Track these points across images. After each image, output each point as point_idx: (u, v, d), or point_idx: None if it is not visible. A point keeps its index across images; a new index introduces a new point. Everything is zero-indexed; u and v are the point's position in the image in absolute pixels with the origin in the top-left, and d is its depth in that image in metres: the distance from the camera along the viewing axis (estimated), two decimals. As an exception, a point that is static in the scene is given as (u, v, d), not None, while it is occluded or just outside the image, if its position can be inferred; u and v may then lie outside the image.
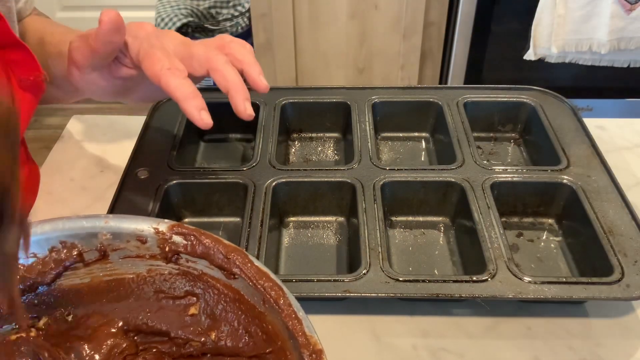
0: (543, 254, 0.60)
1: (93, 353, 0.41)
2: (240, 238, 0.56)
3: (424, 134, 0.76)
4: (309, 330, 0.35)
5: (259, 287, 0.38)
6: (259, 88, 0.53)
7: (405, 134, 0.76)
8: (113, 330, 0.42)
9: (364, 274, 0.52)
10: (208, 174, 0.64)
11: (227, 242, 0.40)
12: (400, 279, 0.52)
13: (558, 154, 0.65)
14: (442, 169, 0.65)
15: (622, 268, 0.52)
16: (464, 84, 1.56)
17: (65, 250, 0.41)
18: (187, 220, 0.65)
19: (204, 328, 0.42)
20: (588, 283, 0.51)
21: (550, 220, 0.64)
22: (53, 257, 0.41)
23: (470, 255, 0.58)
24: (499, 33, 1.50)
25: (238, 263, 0.39)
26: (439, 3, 1.53)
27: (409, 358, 0.50)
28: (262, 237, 0.56)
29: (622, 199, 0.59)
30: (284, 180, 0.63)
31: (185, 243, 0.41)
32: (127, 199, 0.61)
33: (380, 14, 1.55)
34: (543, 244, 0.61)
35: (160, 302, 0.43)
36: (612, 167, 0.63)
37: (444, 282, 0.52)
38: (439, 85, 1.61)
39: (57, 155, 0.74)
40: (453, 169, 0.64)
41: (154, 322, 0.43)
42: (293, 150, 0.75)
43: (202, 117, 0.49)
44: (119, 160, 0.70)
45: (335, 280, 0.52)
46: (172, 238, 0.41)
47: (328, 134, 0.77)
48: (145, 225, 0.41)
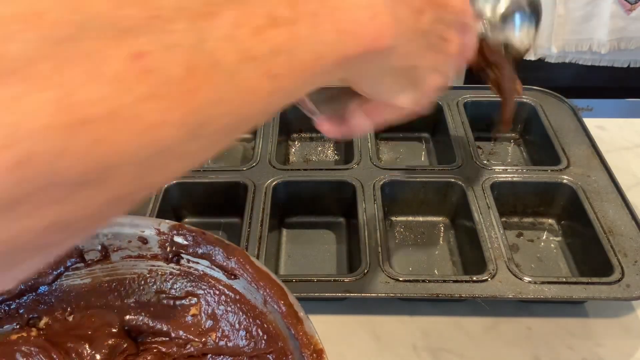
0: (543, 254, 0.60)
1: (94, 353, 0.41)
2: (240, 238, 0.56)
3: (424, 134, 0.76)
4: (310, 330, 0.35)
5: (260, 287, 0.38)
6: None
7: (405, 134, 0.76)
8: (114, 330, 0.42)
9: (364, 274, 0.52)
10: (208, 174, 0.64)
11: (227, 242, 0.40)
12: (400, 279, 0.52)
13: (558, 154, 0.65)
14: (442, 169, 0.65)
15: (622, 268, 0.52)
16: (464, 84, 1.56)
17: (67, 251, 0.41)
18: (187, 220, 0.65)
19: (205, 328, 0.42)
20: (588, 283, 0.51)
21: (550, 220, 0.64)
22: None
23: (470, 255, 0.58)
24: (499, 33, 1.49)
25: (239, 263, 0.39)
26: (439, 3, 1.53)
27: (409, 358, 0.50)
28: (262, 237, 0.56)
29: (622, 199, 0.59)
30: (284, 180, 0.63)
31: (186, 243, 0.41)
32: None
33: (380, 14, 1.55)
34: (543, 244, 0.61)
35: (161, 302, 0.43)
36: (612, 167, 0.63)
37: (444, 282, 0.52)
38: (439, 85, 1.61)
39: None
40: (453, 169, 0.64)
41: (155, 322, 0.43)
42: (293, 150, 0.75)
43: None
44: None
45: (335, 280, 0.52)
46: (173, 238, 0.41)
47: (328, 134, 0.77)
48: (147, 226, 0.41)
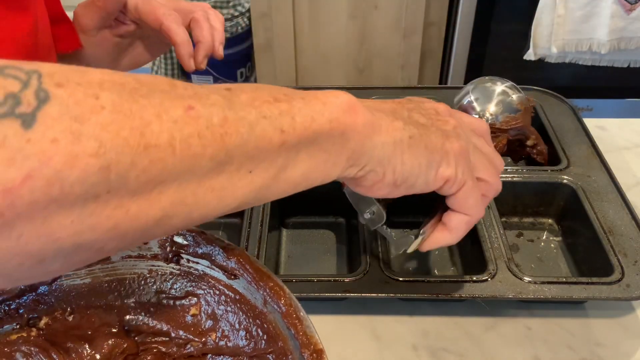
0: (543, 254, 0.60)
1: (94, 353, 0.41)
2: (240, 238, 0.56)
3: (424, 134, 0.76)
4: (310, 330, 0.35)
5: (260, 287, 0.38)
6: (216, 54, 0.61)
7: (406, 134, 0.76)
8: (114, 331, 0.42)
9: (364, 274, 0.52)
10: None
11: (227, 242, 0.40)
12: (400, 279, 0.52)
13: (558, 154, 0.65)
14: (442, 169, 0.65)
15: (622, 268, 0.52)
16: (464, 84, 1.56)
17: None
18: (187, 221, 0.65)
19: (205, 328, 0.42)
20: (588, 283, 0.51)
21: (550, 220, 0.64)
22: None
23: (470, 255, 0.58)
24: (499, 33, 1.50)
25: (239, 263, 0.39)
26: (439, 3, 1.53)
27: (409, 358, 0.50)
28: (262, 237, 0.56)
29: (622, 199, 0.59)
30: (284, 181, 0.63)
31: (186, 243, 0.41)
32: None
33: (380, 14, 1.55)
34: (543, 244, 0.61)
35: (161, 302, 0.43)
36: (612, 167, 0.63)
37: (444, 282, 0.52)
38: (439, 85, 1.61)
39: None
40: (453, 169, 0.64)
41: (155, 322, 0.43)
42: (293, 151, 0.75)
43: (190, 63, 0.58)
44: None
45: (335, 280, 0.52)
46: (173, 238, 0.41)
47: (328, 134, 0.77)
48: (146, 226, 0.41)
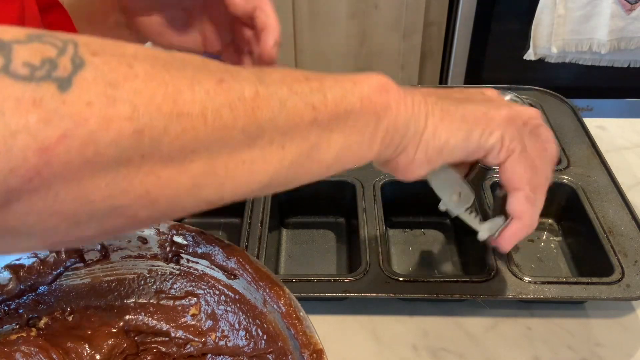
0: (543, 254, 0.60)
1: (93, 353, 0.41)
2: (240, 238, 0.56)
3: (424, 134, 0.76)
4: (310, 330, 0.35)
5: (260, 287, 0.38)
6: (269, 55, 0.45)
7: (406, 134, 0.76)
8: (113, 330, 0.42)
9: (364, 274, 0.52)
10: (208, 174, 0.64)
11: (227, 242, 0.40)
12: (400, 279, 0.52)
13: (558, 154, 0.65)
14: (442, 169, 0.65)
15: (622, 268, 0.52)
16: (464, 84, 1.56)
17: (66, 251, 0.41)
18: (187, 220, 0.65)
19: (205, 328, 0.42)
20: (588, 283, 0.51)
21: (550, 220, 0.64)
22: (54, 257, 0.41)
23: (470, 255, 0.58)
24: (499, 33, 1.50)
25: (239, 263, 0.39)
26: (439, 3, 1.53)
27: (409, 358, 0.50)
28: (262, 237, 0.56)
29: (622, 199, 0.59)
30: (284, 180, 0.63)
31: (186, 243, 0.41)
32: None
33: (380, 14, 1.55)
34: (543, 244, 0.61)
35: (161, 302, 0.43)
36: (612, 167, 0.63)
37: (444, 282, 0.52)
38: (439, 85, 1.61)
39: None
40: (453, 169, 0.64)
41: (155, 322, 0.43)
42: (293, 150, 0.75)
43: (273, 52, 0.45)
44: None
45: (335, 280, 0.52)
46: (172, 238, 0.41)
47: (328, 134, 0.77)
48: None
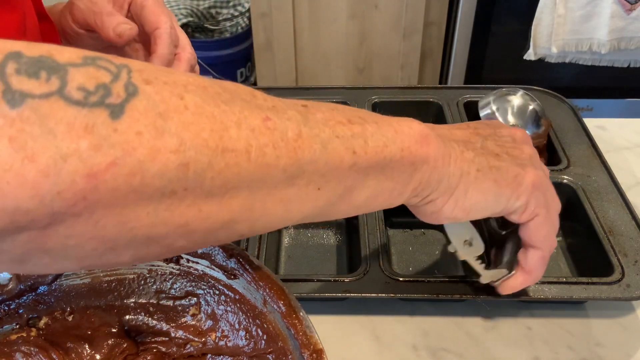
0: (543, 254, 0.60)
1: (93, 353, 0.41)
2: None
3: (424, 134, 0.76)
4: (310, 330, 0.35)
5: (260, 287, 0.38)
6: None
7: (406, 134, 0.76)
8: (113, 330, 0.42)
9: (364, 274, 0.52)
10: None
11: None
12: (400, 279, 0.52)
13: (558, 154, 0.65)
14: (442, 169, 0.65)
15: (622, 268, 0.52)
16: (464, 84, 1.56)
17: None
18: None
19: (205, 328, 0.42)
20: (588, 283, 0.51)
21: (550, 220, 0.64)
22: (53, 257, 0.41)
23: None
24: (499, 33, 1.50)
25: (239, 263, 0.39)
26: (439, 3, 1.53)
27: (409, 358, 0.50)
28: (262, 237, 0.56)
29: (622, 199, 0.59)
30: (284, 180, 0.63)
31: (186, 243, 0.41)
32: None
33: (380, 14, 1.55)
34: (543, 244, 0.61)
35: (161, 302, 0.43)
36: (612, 167, 0.63)
37: (444, 282, 0.52)
38: (439, 85, 1.61)
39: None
40: (453, 169, 0.64)
41: (155, 322, 0.43)
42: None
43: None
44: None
45: (336, 280, 0.52)
46: (172, 238, 0.41)
47: (328, 134, 0.77)
48: (146, 226, 0.41)
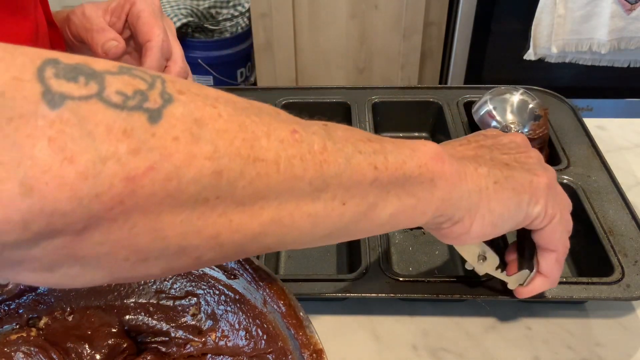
0: (543, 254, 0.60)
1: (93, 353, 0.41)
2: (241, 238, 0.56)
3: (424, 134, 0.76)
4: (310, 330, 0.35)
5: (260, 287, 0.38)
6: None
7: (405, 134, 0.76)
8: (113, 330, 0.42)
9: (364, 274, 0.52)
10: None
11: (227, 242, 0.40)
12: (400, 279, 0.52)
13: (558, 154, 0.65)
14: (442, 169, 0.65)
15: (622, 268, 0.52)
16: (464, 84, 1.56)
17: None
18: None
19: (205, 328, 0.42)
20: (588, 283, 0.51)
21: (550, 220, 0.64)
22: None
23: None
24: (499, 33, 1.50)
25: (238, 263, 0.39)
26: (439, 3, 1.53)
27: (409, 358, 0.50)
28: (262, 237, 0.56)
29: (622, 199, 0.59)
30: (284, 180, 0.62)
31: (186, 243, 0.40)
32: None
33: (380, 14, 1.55)
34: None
35: (161, 302, 0.43)
36: (612, 167, 0.63)
37: (444, 282, 0.52)
38: (439, 85, 1.61)
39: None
40: (453, 169, 0.64)
41: (155, 322, 0.43)
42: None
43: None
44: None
45: (336, 280, 0.52)
46: (172, 238, 0.41)
47: (328, 134, 0.77)
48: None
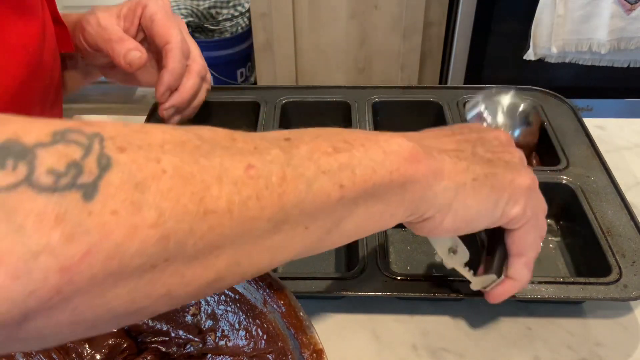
0: (542, 254, 0.60)
1: (94, 353, 0.41)
2: (241, 238, 0.56)
3: (424, 134, 0.76)
4: (310, 330, 0.35)
5: (260, 287, 0.38)
6: (186, 111, 0.63)
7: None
8: (114, 331, 0.42)
9: (362, 273, 0.52)
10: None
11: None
12: (398, 278, 0.52)
13: (557, 154, 0.65)
14: (441, 169, 0.65)
15: (620, 268, 0.52)
16: (464, 84, 1.56)
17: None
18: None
19: (205, 328, 0.42)
20: (586, 283, 0.51)
21: (549, 221, 0.64)
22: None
23: (470, 255, 0.57)
24: (499, 33, 1.50)
25: (238, 263, 0.39)
26: (439, 3, 1.53)
27: (409, 358, 0.50)
28: (262, 237, 0.56)
29: (621, 200, 0.59)
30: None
31: (186, 243, 0.41)
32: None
33: (380, 14, 1.55)
34: (542, 244, 0.61)
35: (161, 302, 0.43)
36: (611, 167, 0.63)
37: (444, 281, 0.52)
38: (439, 85, 1.61)
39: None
40: (453, 169, 0.64)
41: (155, 322, 0.43)
42: (293, 150, 0.75)
43: (164, 97, 0.60)
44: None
45: (334, 279, 0.52)
46: (172, 238, 0.41)
47: (328, 134, 0.77)
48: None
